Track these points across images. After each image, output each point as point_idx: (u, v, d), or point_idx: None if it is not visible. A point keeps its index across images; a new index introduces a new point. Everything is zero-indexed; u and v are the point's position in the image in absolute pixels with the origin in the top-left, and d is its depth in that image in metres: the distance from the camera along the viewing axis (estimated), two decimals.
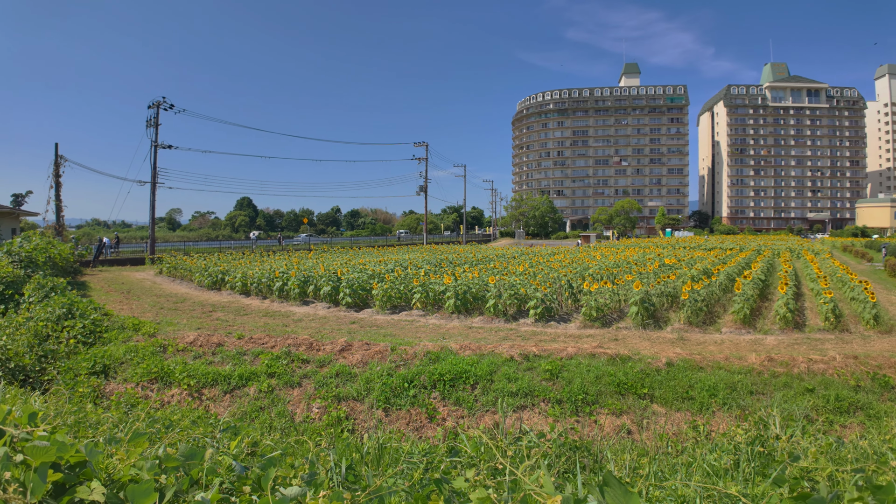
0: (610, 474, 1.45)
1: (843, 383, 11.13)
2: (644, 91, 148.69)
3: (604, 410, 10.30)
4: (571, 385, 10.66)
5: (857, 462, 3.58)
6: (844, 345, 14.09)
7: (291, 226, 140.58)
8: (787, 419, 8.23)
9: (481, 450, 3.82)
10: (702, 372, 11.39)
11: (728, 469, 4.66)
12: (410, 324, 15.87)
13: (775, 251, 47.52)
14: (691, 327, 15.59)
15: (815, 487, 3.11)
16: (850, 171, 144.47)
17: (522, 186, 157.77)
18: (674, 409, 10.41)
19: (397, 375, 11.19)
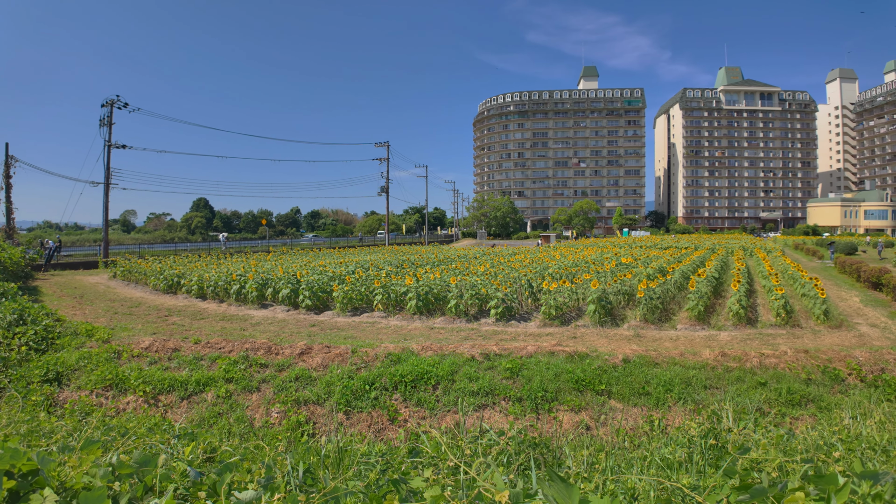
0: (552, 471, 1.53)
1: (795, 377, 11.55)
2: (602, 94, 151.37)
3: (563, 407, 10.49)
4: (531, 383, 10.82)
5: (806, 453, 3.71)
6: (796, 339, 14.64)
7: (249, 227, 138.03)
8: (740, 412, 8.48)
9: (442, 450, 3.85)
10: (658, 368, 11.70)
11: (682, 462, 4.75)
12: (372, 325, 15.83)
13: (729, 250, 48.99)
14: (647, 324, 15.98)
15: (767, 478, 3.26)
16: (802, 172, 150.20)
17: (484, 187, 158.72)
18: (631, 405, 10.66)
19: (358, 378, 11.16)
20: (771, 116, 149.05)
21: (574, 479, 3.88)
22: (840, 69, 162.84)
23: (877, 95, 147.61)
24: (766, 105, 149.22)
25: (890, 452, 3.62)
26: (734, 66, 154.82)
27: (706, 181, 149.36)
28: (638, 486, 3.40)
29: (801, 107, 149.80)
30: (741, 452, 3.33)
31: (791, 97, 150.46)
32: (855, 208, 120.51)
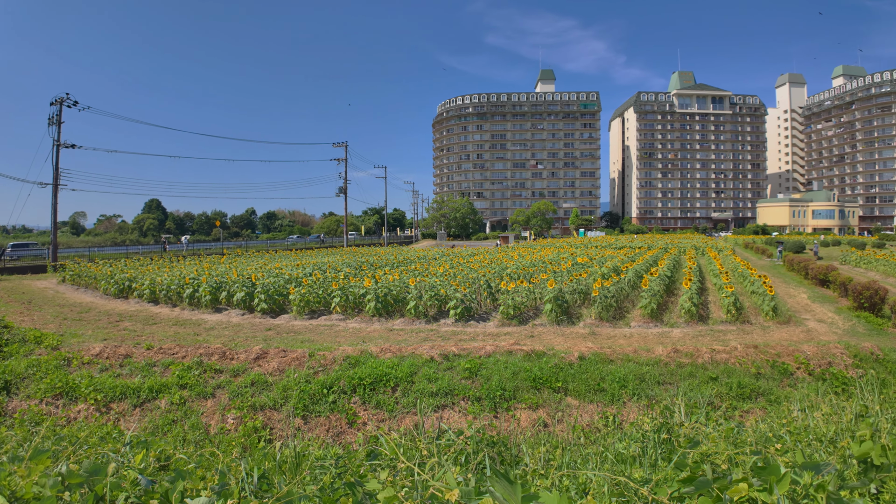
0: (496, 469, 1.58)
1: (745, 371, 11.97)
2: (559, 97, 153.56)
3: (521, 405, 10.63)
4: (490, 382, 10.93)
5: (755, 445, 3.84)
6: (745, 335, 15.16)
7: (203, 229, 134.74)
8: (691, 407, 8.73)
9: (400, 451, 3.88)
10: (612, 364, 11.96)
11: (636, 456, 4.86)
12: (330, 328, 15.70)
13: (681, 249, 50.33)
14: (602, 322, 16.32)
15: (716, 470, 3.39)
16: (752, 174, 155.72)
17: (444, 188, 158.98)
18: (587, 401, 10.88)
19: (316, 382, 11.06)
20: (722, 120, 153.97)
21: (531, 475, 3.97)
22: (789, 74, 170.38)
23: (824, 99, 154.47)
24: (717, 109, 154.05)
25: (837, 443, 3.69)
26: (687, 71, 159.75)
27: (659, 182, 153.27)
28: (593, 480, 3.50)
29: (752, 110, 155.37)
30: (691, 446, 3.43)
31: (742, 101, 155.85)
32: (803, 208, 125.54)
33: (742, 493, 1.67)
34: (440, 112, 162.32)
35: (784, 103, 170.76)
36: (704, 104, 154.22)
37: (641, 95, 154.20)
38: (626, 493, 3.07)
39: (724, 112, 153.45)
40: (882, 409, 5.01)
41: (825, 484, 1.86)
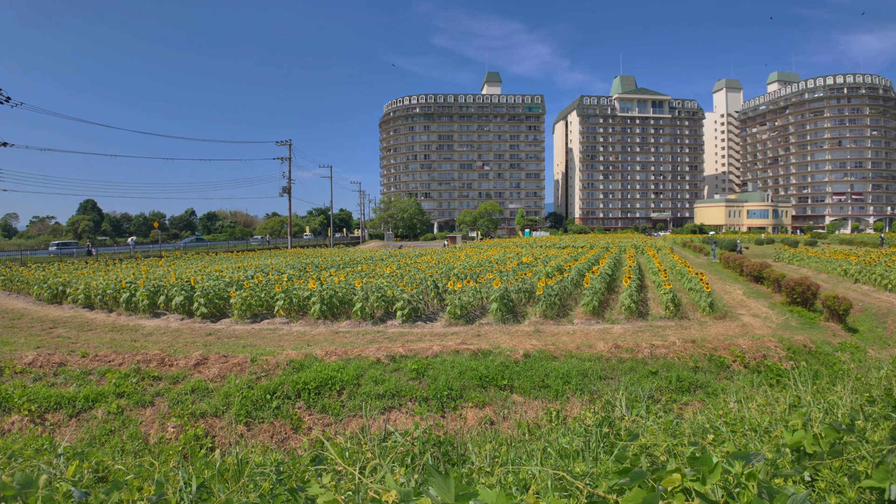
0: (431, 468, 1.58)
1: (683, 365, 12.39)
2: (505, 99, 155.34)
3: (468, 404, 10.69)
4: (437, 382, 10.94)
5: (693, 436, 3.94)
6: (683, 330, 15.71)
7: (141, 230, 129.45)
8: (632, 400, 8.93)
9: (346, 455, 3.83)
10: (556, 361, 12.18)
11: (579, 450, 4.93)
12: (273, 332, 15.37)
13: (622, 248, 51.76)
14: (546, 320, 16.60)
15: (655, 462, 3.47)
16: (690, 175, 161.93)
17: (391, 188, 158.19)
18: (532, 398, 11.04)
19: (258, 387, 10.81)
20: (662, 123, 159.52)
21: (477, 473, 3.99)
22: (726, 80, 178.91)
23: (759, 104, 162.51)
24: (657, 112, 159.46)
25: (771, 433, 3.79)
26: (629, 76, 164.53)
27: (601, 184, 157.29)
28: (536, 476, 3.54)
29: (690, 114, 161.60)
30: (631, 439, 3.50)
31: (681, 105, 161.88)
32: (738, 208, 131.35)
33: (676, 484, 1.69)
34: (387, 112, 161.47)
35: (721, 108, 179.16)
36: (645, 108, 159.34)
37: (584, 99, 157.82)
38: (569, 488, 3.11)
39: (664, 116, 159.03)
40: (814, 399, 5.17)
41: (756, 472, 1.90)
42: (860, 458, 2.26)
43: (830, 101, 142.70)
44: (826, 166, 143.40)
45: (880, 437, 2.49)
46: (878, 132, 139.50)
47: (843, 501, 2.11)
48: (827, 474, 2.26)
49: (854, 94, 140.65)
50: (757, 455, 2.00)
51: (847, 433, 2.42)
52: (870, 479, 1.88)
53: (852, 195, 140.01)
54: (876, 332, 17.93)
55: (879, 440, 2.38)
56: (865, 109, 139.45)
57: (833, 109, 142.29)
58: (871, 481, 1.86)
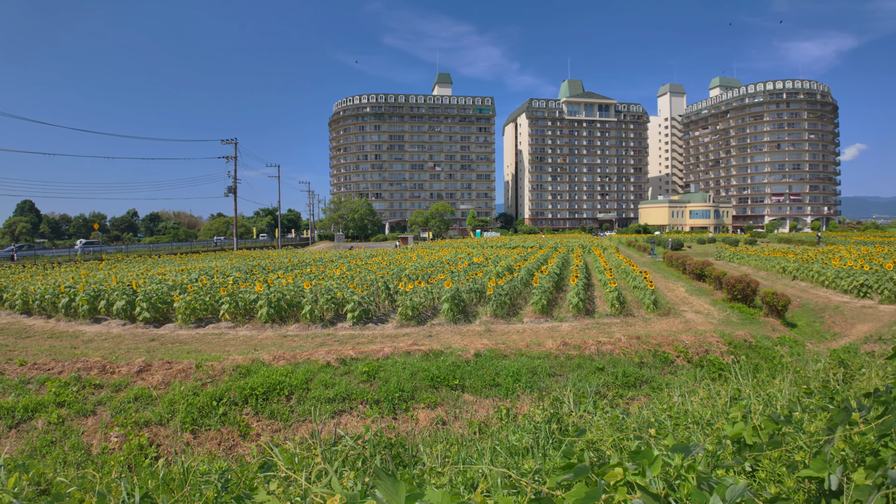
0: (378, 470, 1.55)
1: (629, 361, 12.69)
2: (456, 101, 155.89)
3: (420, 405, 10.66)
4: (388, 384, 10.87)
5: (639, 430, 4.02)
6: (629, 327, 16.10)
7: (81, 232, 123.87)
8: (580, 397, 9.08)
9: (296, 461, 3.75)
10: (506, 360, 12.30)
11: (529, 447, 4.97)
12: (218, 337, 14.95)
13: (570, 248, 52.79)
14: (497, 319, 16.74)
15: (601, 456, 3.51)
16: (635, 177, 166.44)
17: (341, 189, 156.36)
18: (483, 397, 11.10)
19: (204, 394, 10.49)
20: (608, 126, 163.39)
21: (428, 474, 3.96)
22: (670, 84, 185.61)
23: (702, 108, 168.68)
24: (603, 116, 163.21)
25: (713, 425, 3.87)
26: (576, 80, 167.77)
27: (550, 185, 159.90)
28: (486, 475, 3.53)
29: (635, 118, 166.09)
30: (578, 434, 3.53)
31: (626, 109, 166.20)
32: (681, 209, 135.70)
33: (618, 477, 1.72)
34: (337, 111, 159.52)
35: (665, 111, 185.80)
36: (592, 111, 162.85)
37: (533, 102, 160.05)
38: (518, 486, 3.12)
39: (610, 119, 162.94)
40: (754, 392, 5.27)
41: (695, 465, 1.94)
42: (798, 448, 2.32)
43: (770, 106, 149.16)
44: (765, 168, 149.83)
45: (817, 428, 2.57)
46: (816, 136, 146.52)
47: (782, 491, 2.15)
48: (767, 464, 2.33)
49: (793, 99, 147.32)
50: (696, 447, 2.05)
51: (785, 424, 2.50)
52: (808, 468, 1.93)
53: (790, 196, 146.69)
54: (814, 326, 18.81)
55: (816, 430, 2.46)
56: (804, 114, 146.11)
57: (772, 114, 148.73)
58: (809, 471, 1.91)
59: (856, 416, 2.16)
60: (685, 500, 1.71)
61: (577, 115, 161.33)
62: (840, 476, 1.84)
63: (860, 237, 71.80)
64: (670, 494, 1.88)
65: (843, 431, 2.13)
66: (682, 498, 1.78)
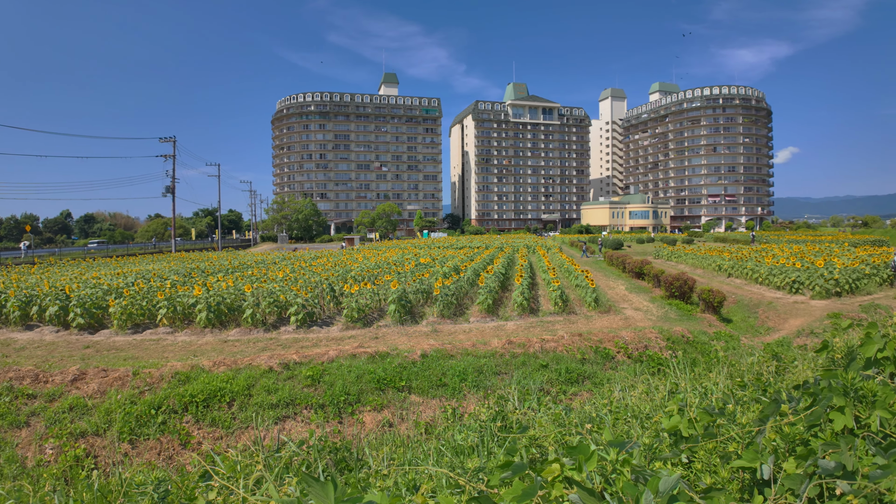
0: (307, 476, 1.53)
1: (572, 357, 12.95)
2: (402, 101, 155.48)
3: (366, 408, 10.58)
4: (333, 388, 10.75)
5: (581, 426, 4.12)
6: (571, 325, 16.44)
7: (11, 234, 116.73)
8: (525, 394, 9.21)
9: (238, 469, 3.66)
10: (453, 359, 12.36)
11: (474, 446, 5.01)
12: (156, 343, 14.41)
13: (515, 248, 53.52)
14: (444, 319, 16.80)
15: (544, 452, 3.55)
16: (577, 179, 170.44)
17: (284, 188, 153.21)
18: (430, 397, 11.12)
19: (142, 402, 10.11)
20: (552, 129, 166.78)
21: (373, 477, 3.94)
22: (612, 89, 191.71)
23: (642, 112, 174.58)
24: (547, 119, 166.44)
25: (651, 418, 3.95)
26: (521, 83, 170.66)
27: (496, 186, 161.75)
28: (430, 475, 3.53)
29: (578, 121, 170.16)
30: (521, 431, 3.57)
31: (569, 112, 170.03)
32: (621, 210, 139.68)
33: (555, 473, 1.73)
34: (280, 109, 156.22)
35: (606, 115, 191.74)
36: (536, 114, 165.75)
37: (479, 104, 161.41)
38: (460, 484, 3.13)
39: (554, 122, 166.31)
40: (691, 385, 5.39)
41: (630, 458, 1.97)
42: (731, 439, 2.38)
43: (707, 111, 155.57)
44: (702, 170, 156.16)
45: (748, 420, 2.65)
46: (750, 139, 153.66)
47: (717, 481, 2.18)
48: (702, 456, 2.36)
49: (729, 104, 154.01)
50: (630, 442, 2.11)
51: (720, 416, 2.58)
52: (741, 459, 1.98)
53: (726, 197, 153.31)
54: (748, 321, 19.69)
55: (748, 422, 2.51)
56: (739, 118, 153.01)
57: (709, 118, 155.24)
58: (742, 461, 1.96)
59: (785, 407, 2.25)
60: (621, 493, 1.72)
61: (522, 117, 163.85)
62: (772, 466, 1.89)
63: (793, 236, 74.89)
64: (607, 488, 1.91)
65: (774, 423, 2.20)
66: (618, 491, 1.80)
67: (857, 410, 2.17)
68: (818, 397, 2.19)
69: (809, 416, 2.10)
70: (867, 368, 2.44)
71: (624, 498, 1.65)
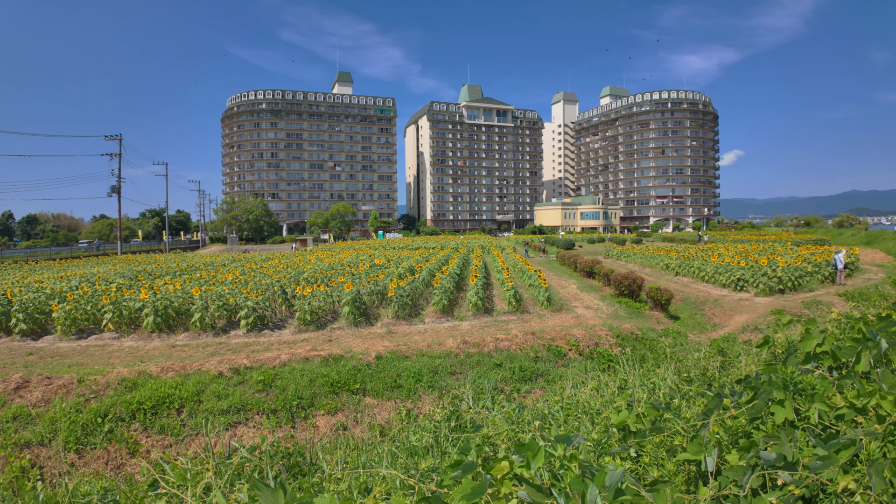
0: (257, 481, 1.54)
1: (525, 356, 13.14)
2: (357, 100, 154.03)
3: (319, 412, 10.49)
4: (286, 392, 10.61)
5: (534, 422, 4.19)
6: (525, 323, 16.66)
7: None
8: (479, 393, 9.30)
9: (188, 477, 3.60)
10: (408, 361, 12.37)
11: (429, 447, 5.04)
12: (102, 349, 13.92)
13: (470, 248, 53.86)
14: (399, 321, 16.78)
15: (497, 450, 3.61)
16: (530, 180, 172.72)
17: (235, 188, 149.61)
18: (385, 399, 11.11)
19: (88, 411, 9.76)
20: (506, 131, 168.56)
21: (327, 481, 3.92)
22: (564, 93, 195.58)
23: (593, 116, 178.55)
24: (501, 121, 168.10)
25: (601, 414, 3.98)
26: (476, 85, 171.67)
27: (451, 187, 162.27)
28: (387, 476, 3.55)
29: (531, 124, 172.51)
30: (474, 430, 3.61)
31: (522, 115, 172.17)
32: (573, 211, 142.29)
33: (505, 471, 1.73)
34: (231, 106, 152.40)
35: (559, 118, 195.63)
36: (490, 116, 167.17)
37: (434, 105, 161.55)
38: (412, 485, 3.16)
39: (507, 124, 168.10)
40: (639, 381, 5.51)
41: (577, 454, 1.99)
42: (677, 433, 2.44)
43: (656, 115, 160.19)
44: (651, 172, 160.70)
45: (692, 414, 2.75)
46: (697, 142, 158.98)
47: (664, 474, 2.23)
48: (650, 449, 2.43)
49: (677, 108, 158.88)
50: (577, 437, 2.15)
51: (666, 411, 2.65)
52: (686, 452, 2.02)
53: (674, 198, 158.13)
54: (695, 318, 20.34)
55: (692, 416, 2.61)
56: (686, 122, 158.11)
57: (658, 122, 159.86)
58: (687, 454, 2.00)
59: (728, 401, 2.31)
60: (568, 488, 1.72)
61: (477, 119, 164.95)
62: (716, 458, 1.92)
63: (738, 236, 77.36)
64: (555, 484, 1.96)
65: (718, 416, 2.25)
66: (566, 487, 1.81)
67: (797, 403, 2.25)
68: (759, 391, 2.24)
69: (751, 410, 2.16)
70: (806, 363, 2.50)
71: (570, 493, 1.66)
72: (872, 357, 2.29)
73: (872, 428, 1.88)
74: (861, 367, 2.26)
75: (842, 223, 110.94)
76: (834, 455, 1.72)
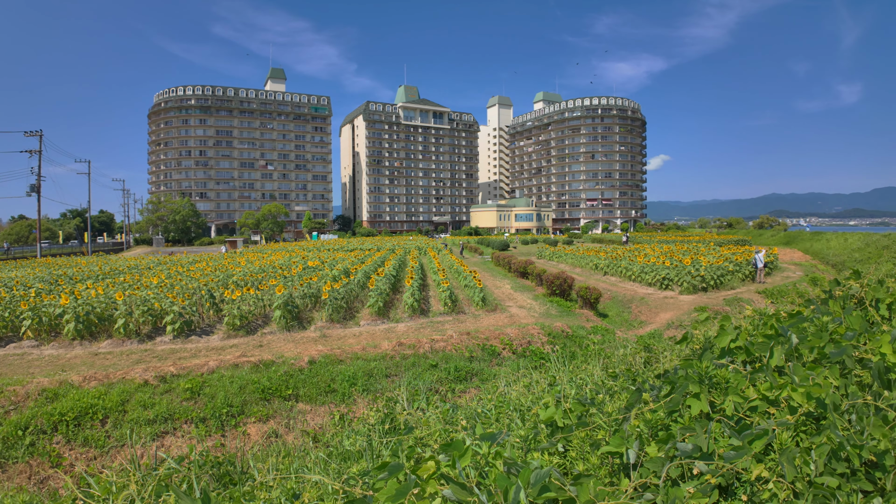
0: (180, 492, 1.58)
1: (460, 356, 13.34)
2: (290, 98, 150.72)
3: (251, 419, 10.32)
4: (215, 400, 10.39)
5: (467, 421, 4.29)
6: (460, 324, 16.89)
7: None
8: (414, 394, 9.37)
9: (113, 490, 3.52)
10: (342, 364, 12.33)
11: (362, 450, 5.08)
12: (21, 358, 13.15)
13: (407, 249, 53.85)
14: (333, 324, 16.66)
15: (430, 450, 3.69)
16: (467, 182, 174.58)
17: (161, 188, 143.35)
18: (318, 404, 11.03)
19: (7, 423, 9.27)
20: (442, 133, 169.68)
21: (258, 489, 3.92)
22: (499, 97, 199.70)
23: (527, 120, 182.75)
24: (438, 123, 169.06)
25: (531, 410, 4.08)
26: (412, 86, 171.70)
27: (387, 188, 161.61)
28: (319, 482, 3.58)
29: (467, 126, 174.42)
30: (407, 432, 3.68)
31: (459, 118, 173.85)
32: (508, 212, 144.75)
33: (431, 471, 1.76)
34: (158, 102, 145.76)
35: (494, 122, 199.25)
36: (427, 118, 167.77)
37: (370, 105, 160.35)
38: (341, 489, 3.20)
39: (444, 126, 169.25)
40: (568, 378, 5.63)
41: (502, 451, 2.08)
42: (601, 427, 2.51)
43: (587, 120, 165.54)
44: (582, 176, 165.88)
45: (614, 408, 2.93)
46: (626, 147, 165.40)
47: (588, 467, 2.28)
48: (576, 444, 2.47)
49: (607, 114, 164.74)
50: (500, 435, 2.20)
51: (591, 406, 2.75)
52: (608, 445, 2.09)
53: (603, 201, 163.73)
54: (623, 315, 21.16)
55: (614, 410, 2.75)
56: (616, 128, 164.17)
57: (589, 127, 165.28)
58: (610, 447, 2.07)
59: (647, 395, 2.41)
60: (492, 486, 1.77)
61: (414, 120, 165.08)
62: (637, 450, 2.01)
63: (663, 237, 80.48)
64: (482, 482, 1.98)
65: (639, 410, 2.34)
66: (490, 484, 1.86)
67: (713, 396, 2.36)
68: (676, 385, 2.32)
69: (669, 403, 2.25)
70: (721, 357, 2.64)
71: (493, 490, 1.70)
72: (784, 352, 2.45)
73: (784, 419, 2.00)
74: (774, 361, 2.40)
75: (762, 224, 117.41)
76: (748, 445, 1.80)
